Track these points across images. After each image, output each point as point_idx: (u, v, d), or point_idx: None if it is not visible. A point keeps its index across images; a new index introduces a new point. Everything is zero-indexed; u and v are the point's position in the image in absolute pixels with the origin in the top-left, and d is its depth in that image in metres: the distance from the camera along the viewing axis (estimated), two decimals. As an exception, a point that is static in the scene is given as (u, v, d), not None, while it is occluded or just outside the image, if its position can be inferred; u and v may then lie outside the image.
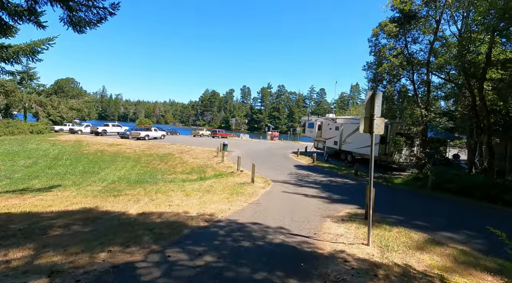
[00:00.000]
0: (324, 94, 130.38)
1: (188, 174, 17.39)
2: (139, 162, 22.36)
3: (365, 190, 7.47)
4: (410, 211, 9.11)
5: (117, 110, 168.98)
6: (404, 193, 12.49)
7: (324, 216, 7.60)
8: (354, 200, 10.41)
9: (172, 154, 25.51)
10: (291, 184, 13.10)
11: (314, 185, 13.18)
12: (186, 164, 20.87)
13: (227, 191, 10.63)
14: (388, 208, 9.35)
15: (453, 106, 16.27)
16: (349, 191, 12.35)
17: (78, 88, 60.48)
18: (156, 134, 38.94)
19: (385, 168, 20.13)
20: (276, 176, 15.05)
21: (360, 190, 12.58)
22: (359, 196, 11.24)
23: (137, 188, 12.50)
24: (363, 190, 12.73)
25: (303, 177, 15.39)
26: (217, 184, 12.46)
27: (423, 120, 14.80)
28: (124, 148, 29.39)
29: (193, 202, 8.65)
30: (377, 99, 5.06)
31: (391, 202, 10.55)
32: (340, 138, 22.81)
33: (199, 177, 16.21)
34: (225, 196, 9.64)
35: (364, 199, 10.51)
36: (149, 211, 7.33)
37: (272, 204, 8.73)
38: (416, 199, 11.45)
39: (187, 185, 12.74)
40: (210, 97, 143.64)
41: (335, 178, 15.73)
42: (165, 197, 9.86)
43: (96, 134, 40.40)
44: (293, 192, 10.99)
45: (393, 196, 11.90)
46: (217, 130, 52.94)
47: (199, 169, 18.48)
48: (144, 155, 25.65)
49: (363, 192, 12.27)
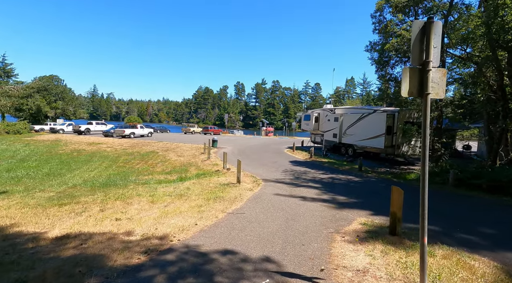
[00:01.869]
0: (319, 89, 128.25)
1: (167, 174, 15.08)
2: (117, 162, 19.97)
3: (378, 189, 5.26)
4: (442, 217, 6.95)
5: (109, 109, 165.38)
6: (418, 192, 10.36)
7: (332, 231, 5.39)
8: (365, 202, 8.22)
9: (155, 152, 23.18)
10: (286, 183, 10.88)
11: (313, 184, 10.98)
12: (168, 162, 18.55)
13: (204, 195, 8.36)
14: (411, 212, 7.15)
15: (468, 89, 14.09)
16: (356, 190, 10.17)
17: (63, 85, 57.26)
18: (143, 132, 36.56)
19: (391, 162, 18.02)
20: (269, 174, 12.83)
21: (369, 189, 10.40)
22: (370, 197, 9.05)
23: (98, 193, 10.18)
24: (373, 188, 10.61)
25: (300, 174, 13.19)
26: (196, 186, 10.19)
27: (438, 105, 12.67)
28: (104, 146, 27.00)
29: (153, 213, 6.37)
30: (434, 35, 2.82)
31: (411, 204, 8.34)
32: (340, 130, 20.65)
33: (179, 177, 13.92)
34: (199, 202, 7.37)
35: (378, 200, 8.34)
36: (78, 231, 5.04)
37: (260, 213, 6.48)
38: (440, 199, 9.31)
39: (160, 188, 10.45)
40: (203, 94, 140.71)
41: (337, 174, 13.55)
42: (122, 206, 7.57)
43: (79, 133, 37.89)
44: (288, 194, 8.76)
45: (411, 196, 9.72)
46: (209, 127, 50.52)
47: (181, 168, 16.18)
48: (124, 153, 23.27)
49: (374, 191, 10.10)
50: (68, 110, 57.01)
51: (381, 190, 10.46)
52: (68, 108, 56.93)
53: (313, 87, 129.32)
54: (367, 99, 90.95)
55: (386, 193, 9.83)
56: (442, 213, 7.28)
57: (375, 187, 10.88)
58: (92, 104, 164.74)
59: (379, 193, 9.90)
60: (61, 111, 55.06)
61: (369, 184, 11.44)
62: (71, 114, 57.98)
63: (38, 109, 49.73)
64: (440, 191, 10.44)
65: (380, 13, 14.30)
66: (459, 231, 5.75)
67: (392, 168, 16.22)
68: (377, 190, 10.32)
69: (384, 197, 9.25)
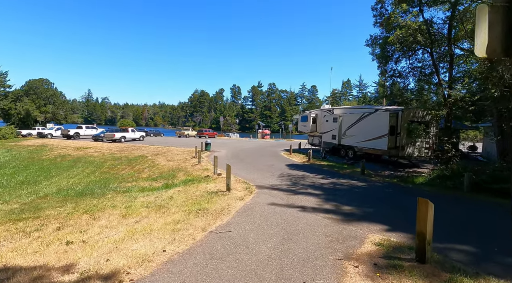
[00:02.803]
0: (315, 92, 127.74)
1: (153, 180, 13.80)
2: (101, 167, 18.64)
3: (386, 195, 4.04)
4: (472, 232, 5.79)
5: (103, 114, 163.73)
6: (437, 198, 9.18)
7: (341, 257, 4.18)
8: (375, 213, 7.04)
9: (144, 156, 21.85)
10: (283, 190, 9.67)
11: (313, 190, 9.79)
12: (156, 167, 17.25)
13: (186, 206, 7.12)
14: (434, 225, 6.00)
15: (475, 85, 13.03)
16: (361, 197, 8.99)
17: (53, 89, 55.67)
18: (134, 135, 35.23)
19: (395, 165, 16.90)
20: (264, 180, 11.62)
21: (375, 195, 9.22)
22: (379, 205, 7.87)
23: (68, 205, 8.90)
24: (380, 194, 9.19)
25: (298, 179, 11.99)
26: (180, 195, 8.95)
27: (447, 102, 11.60)
28: (92, 151, 25.62)
29: (117, 233, 5.12)
30: None
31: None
32: (339, 131, 19.52)
33: (165, 183, 12.65)
34: (178, 216, 6.13)
35: (389, 210, 7.07)
36: (4, 263, 3.78)
37: (249, 230, 5.27)
38: (459, 207, 8.16)
39: (141, 197, 9.18)
40: (199, 97, 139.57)
41: (338, 178, 12.38)
42: (86, 222, 6.30)
43: (68, 138, 36.45)
44: (284, 204, 7.55)
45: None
46: (204, 130, 49.20)
47: (169, 173, 14.90)
48: (111, 158, 21.91)
49: (381, 198, 8.71)
50: (59, 115, 55.42)
51: (389, 196, 9.29)
52: (59, 113, 55.36)
53: (310, 89, 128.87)
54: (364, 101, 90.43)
55: (396, 200, 8.67)
56: (469, 226, 6.12)
57: (382, 193, 9.71)
58: (87, 109, 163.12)
59: (388, 200, 8.73)
60: (52, 116, 53.47)
61: (375, 190, 10.27)
62: (62, 118, 56.38)
63: (27, 113, 48.15)
64: (455, 196, 9.29)
65: (381, 5, 13.29)
66: (502, 253, 4.57)
67: (396, 170, 15.09)
68: (385, 197, 9.14)
69: (395, 205, 8.08)
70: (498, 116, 12.76)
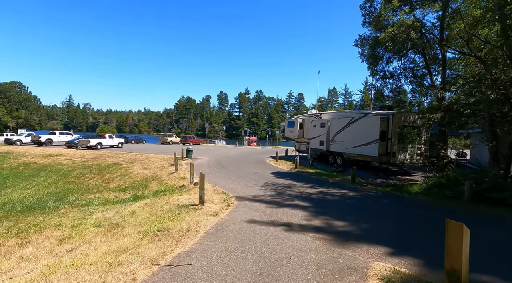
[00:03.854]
0: (302, 99, 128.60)
1: (121, 191, 12.22)
2: (67, 176, 16.81)
3: (382, 207, 3.00)
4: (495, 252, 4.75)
5: (85, 120, 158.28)
6: (437, 210, 8.21)
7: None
8: (373, 230, 5.92)
9: (119, 164, 20.10)
10: (266, 202, 8.44)
11: (300, 201, 8.61)
12: (128, 176, 15.63)
13: (145, 226, 5.75)
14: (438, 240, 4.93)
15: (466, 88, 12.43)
16: (355, 210, 7.89)
17: (26, 93, 52.54)
18: (112, 142, 33.16)
19: (385, 172, 16.07)
20: (246, 189, 10.36)
21: (371, 208, 8.13)
22: (377, 220, 6.76)
23: (6, 223, 7.28)
24: (376, 206, 8.00)
25: (284, 188, 10.81)
26: (146, 209, 7.55)
27: (442, 105, 10.87)
28: (62, 158, 23.58)
29: (31, 270, 3.71)
30: None
31: (437, 229, 6.16)
32: (327, 137, 18.62)
33: (134, 194, 11.14)
34: (129, 241, 4.77)
35: (389, 225, 5.86)
36: None
37: (217, 262, 3.99)
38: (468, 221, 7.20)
39: (99, 212, 7.70)
40: (185, 104, 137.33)
41: (327, 188, 11.29)
42: (7, 248, 4.83)
43: (39, 145, 33.88)
44: (266, 221, 6.32)
45: (429, 216, 7.58)
46: (188, 136, 47.51)
47: (142, 183, 13.36)
48: (82, 166, 20.03)
49: (378, 211, 7.45)
50: (33, 120, 52.22)
51: (385, 208, 8.23)
52: (33, 118, 52.18)
53: (297, 97, 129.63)
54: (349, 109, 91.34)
55: (393, 213, 7.58)
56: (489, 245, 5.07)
57: (377, 205, 8.66)
58: (67, 115, 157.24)
59: (385, 213, 7.67)
60: (24, 121, 50.28)
61: (369, 201, 9.21)
62: (36, 124, 53.16)
63: (-4, 118, 45.01)
64: (457, 208, 8.35)
65: (370, 4, 12.62)
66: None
67: (388, 178, 14.21)
68: (381, 209, 8.08)
69: (394, 219, 6.99)
70: (490, 121, 12.18)
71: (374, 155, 14.64)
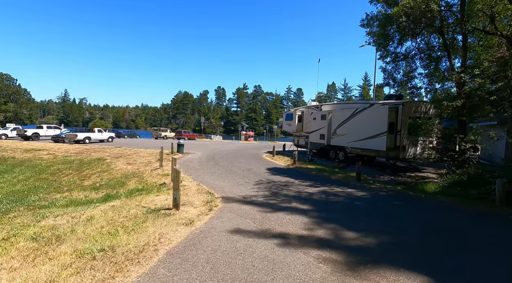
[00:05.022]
0: (301, 94, 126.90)
1: (95, 190, 10.72)
2: (43, 173, 15.28)
3: (398, 211, 1.97)
4: None
5: (81, 115, 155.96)
6: (469, 216, 6.75)
7: None
8: (398, 246, 4.44)
9: (103, 159, 18.57)
10: (258, 204, 6.97)
11: (299, 203, 7.15)
12: (109, 172, 14.12)
13: (90, 240, 4.26)
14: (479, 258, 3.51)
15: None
16: (366, 215, 6.43)
17: (16, 85, 50.55)
18: (101, 136, 31.58)
19: (392, 168, 14.61)
20: (236, 188, 8.89)
21: (384, 212, 6.64)
22: (398, 230, 5.26)
23: None
24: (390, 210, 6.62)
25: (280, 187, 9.34)
26: (107, 214, 6.06)
27: (462, 91, 9.39)
28: (44, 153, 22.02)
29: None
30: None
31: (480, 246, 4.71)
32: (328, 130, 17.13)
33: (106, 194, 9.66)
34: (44, 271, 3.28)
35: (417, 238, 4.62)
36: None
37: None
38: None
39: (50, 218, 6.22)
40: (182, 99, 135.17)
41: (330, 186, 9.83)
42: None
43: (25, 139, 32.23)
44: (256, 232, 4.84)
45: (462, 225, 6.12)
46: (183, 131, 45.87)
47: (120, 180, 11.86)
48: (62, 161, 18.50)
49: (394, 216, 6.06)
50: (22, 114, 50.35)
51: (404, 212, 6.75)
52: (22, 112, 50.30)
53: (295, 92, 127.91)
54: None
55: (416, 219, 5.95)
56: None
57: (392, 208, 7.20)
58: (63, 109, 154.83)
59: (405, 219, 6.19)
60: (13, 115, 48.43)
61: (381, 203, 7.75)
62: (26, 118, 51.27)
63: (-19, 112, 43.18)
64: (490, 213, 6.89)
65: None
66: None
67: (396, 175, 12.77)
68: (398, 214, 6.61)
69: (420, 228, 5.46)
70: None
71: (381, 149, 13.17)
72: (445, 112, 9.66)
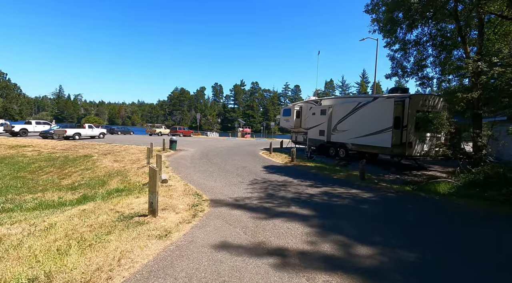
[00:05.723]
0: (299, 91, 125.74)
1: (72, 190, 9.70)
2: (21, 170, 14.20)
3: (412, 216, 1.54)
4: None
5: (76, 111, 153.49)
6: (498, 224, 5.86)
7: None
8: (430, 267, 3.50)
9: (90, 156, 17.50)
10: (251, 208, 6.01)
11: (298, 208, 6.21)
12: (92, 170, 13.08)
13: (27, 263, 3.27)
14: None
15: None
16: (378, 221, 5.51)
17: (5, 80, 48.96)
18: (92, 132, 30.42)
19: (396, 166, 13.74)
20: (228, 189, 7.92)
21: (401, 218, 5.70)
22: (420, 241, 4.28)
23: None
24: (403, 215, 5.76)
25: (277, 188, 8.39)
26: (72, 221, 5.08)
27: (478, 81, 8.49)
28: (29, 150, 20.88)
29: None
30: None
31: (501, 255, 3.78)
32: (328, 126, 16.20)
33: (83, 195, 8.65)
34: None
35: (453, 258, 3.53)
36: None
37: None
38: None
39: (4, 227, 5.20)
40: (179, 95, 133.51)
41: (333, 186, 8.90)
42: None
43: (13, 135, 30.96)
44: (246, 247, 3.88)
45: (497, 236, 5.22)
46: (178, 127, 44.71)
47: (102, 179, 10.84)
48: (46, 158, 17.41)
49: (415, 225, 5.14)
50: (12, 110, 48.84)
51: (420, 218, 5.82)
52: (12, 107, 48.78)
53: (293, 89, 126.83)
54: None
55: (438, 228, 4.70)
56: None
57: (405, 213, 6.28)
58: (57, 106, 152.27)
59: (425, 228, 5.26)
60: (3, 111, 46.91)
61: (391, 206, 6.83)
62: (16, 114, 49.77)
63: (-31, 107, 41.69)
64: None
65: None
66: None
67: (401, 174, 11.89)
68: (414, 220, 5.69)
69: (447, 240, 4.47)
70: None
71: (386, 145, 12.26)
72: (458, 105, 8.73)
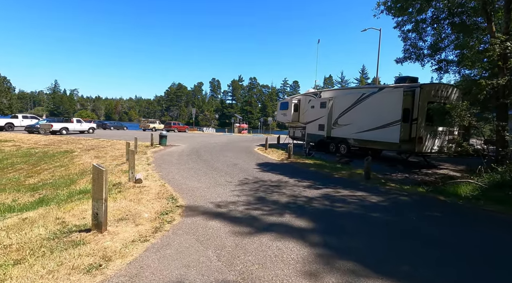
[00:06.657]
0: (297, 87, 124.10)
1: (33, 190, 8.43)
2: (-9, 167, 12.88)
3: (437, 230, 1.17)
4: None
5: (72, 107, 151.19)
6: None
7: None
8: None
9: (71, 151, 16.23)
10: (234, 218, 4.77)
11: (293, 216, 4.97)
12: (66, 167, 11.79)
13: None
14: None
15: None
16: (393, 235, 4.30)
17: (-6, 73, 47.18)
18: (81, 127, 29.09)
19: (404, 164, 12.51)
20: (212, 191, 6.67)
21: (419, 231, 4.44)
22: (455, 267, 3.00)
23: None
24: (428, 227, 4.29)
25: (270, 189, 7.14)
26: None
27: (506, 66, 7.24)
28: (9, 145, 19.61)
29: None
30: None
31: None
32: (329, 120, 14.93)
33: (43, 196, 7.38)
34: None
35: None
36: None
37: None
38: None
39: None
40: (176, 91, 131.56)
41: (335, 187, 7.67)
42: None
43: (-1, 130, 29.57)
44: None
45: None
46: (173, 123, 43.36)
47: (72, 178, 9.55)
48: (22, 154, 16.13)
49: (441, 242, 3.80)
50: (2, 104, 47.23)
51: (450, 234, 4.57)
52: (2, 101, 47.17)
53: (292, 85, 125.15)
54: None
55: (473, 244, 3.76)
56: None
57: (427, 224, 5.04)
58: (53, 101, 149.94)
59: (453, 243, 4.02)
60: (-8, 105, 45.36)
61: (408, 214, 5.59)
62: (6, 108, 48.12)
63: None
64: None
65: None
66: None
67: (410, 173, 10.68)
68: (438, 233, 4.45)
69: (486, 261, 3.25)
70: None
71: (393, 141, 11.02)
72: (481, 94, 7.48)
